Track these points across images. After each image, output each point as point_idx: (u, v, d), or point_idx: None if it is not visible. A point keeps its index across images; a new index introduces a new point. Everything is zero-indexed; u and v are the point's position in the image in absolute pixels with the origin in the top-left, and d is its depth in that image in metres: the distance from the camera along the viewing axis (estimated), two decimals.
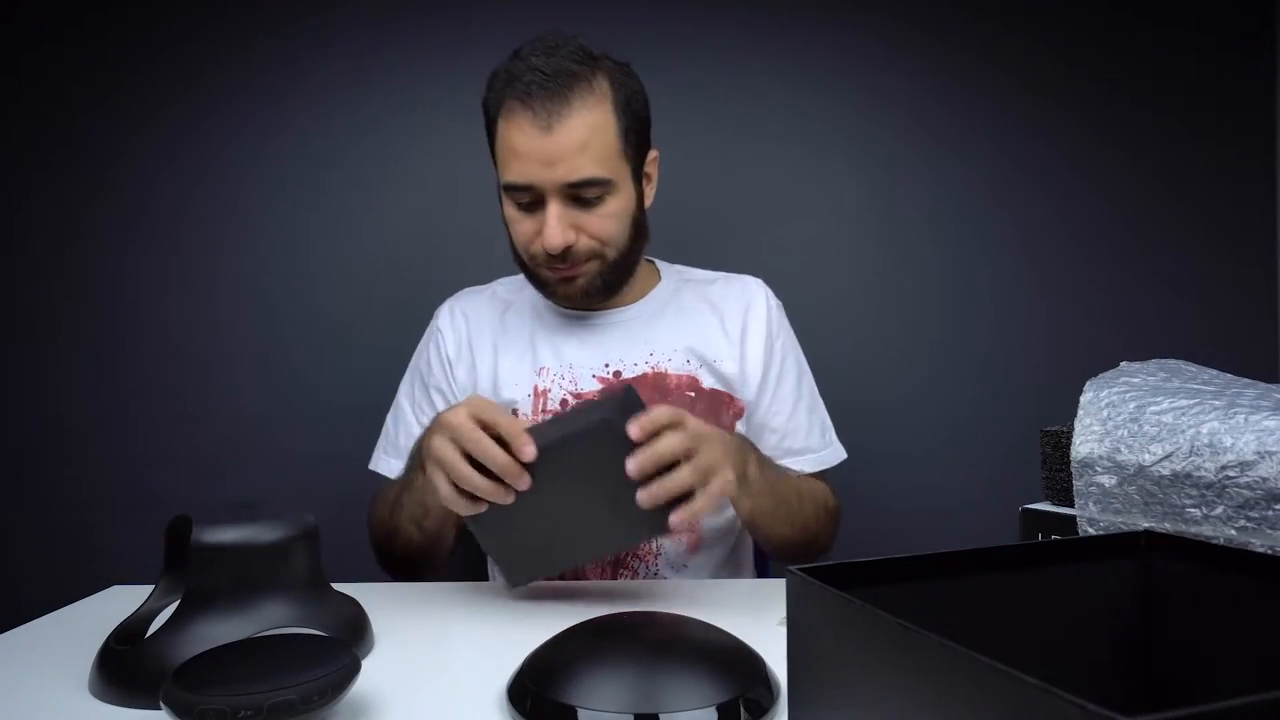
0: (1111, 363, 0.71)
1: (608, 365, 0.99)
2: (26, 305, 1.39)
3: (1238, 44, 1.45)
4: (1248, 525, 0.52)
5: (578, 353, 1.00)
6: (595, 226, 0.92)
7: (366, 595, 0.73)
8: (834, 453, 1.07)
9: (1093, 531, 0.60)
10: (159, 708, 0.51)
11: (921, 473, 1.43)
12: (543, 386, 0.98)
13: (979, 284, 1.45)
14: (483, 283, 1.14)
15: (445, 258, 1.40)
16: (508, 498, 0.71)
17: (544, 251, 0.91)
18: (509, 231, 0.96)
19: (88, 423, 1.39)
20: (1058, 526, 0.64)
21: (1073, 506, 0.62)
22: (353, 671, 0.50)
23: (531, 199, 0.91)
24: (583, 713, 0.48)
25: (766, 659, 0.56)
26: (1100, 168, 1.45)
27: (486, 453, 0.69)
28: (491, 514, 0.73)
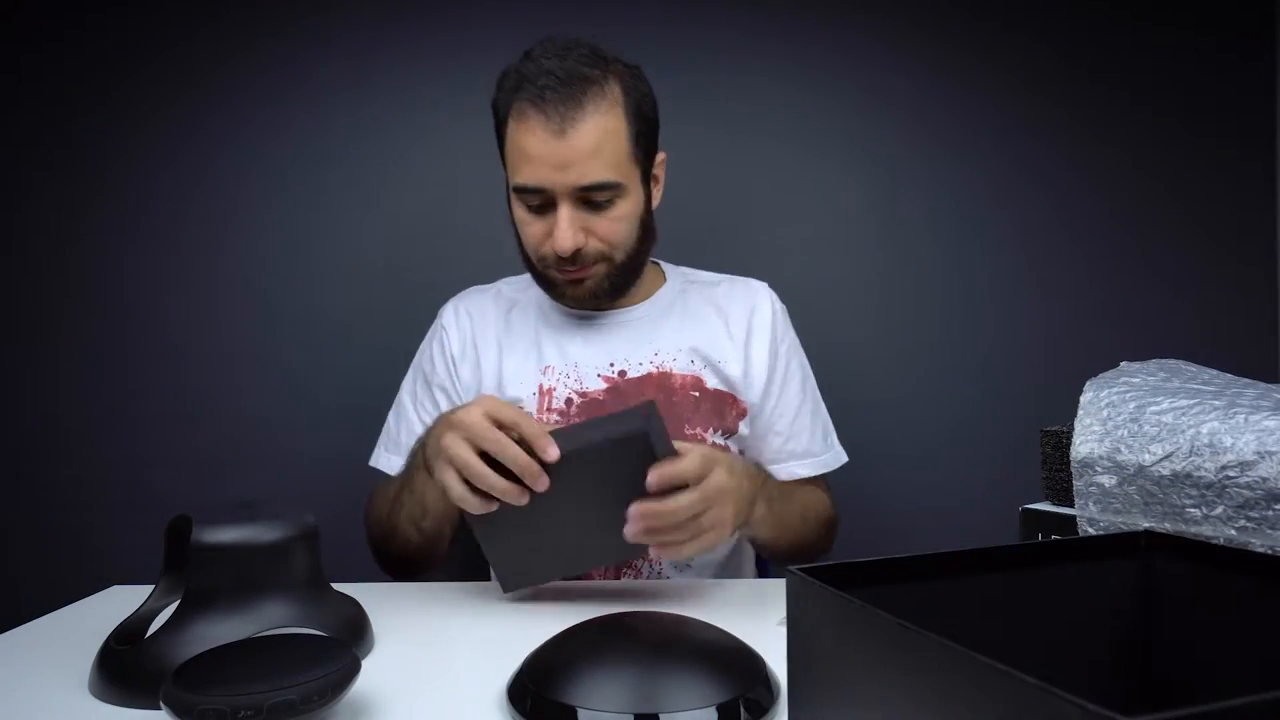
0: (1111, 363, 0.71)
1: (613, 365, 0.99)
2: (26, 305, 1.39)
3: (1238, 44, 1.45)
4: (1248, 525, 0.52)
5: (583, 352, 1.00)
6: (605, 230, 0.92)
7: (366, 595, 0.73)
8: (835, 456, 1.08)
9: (1093, 531, 0.60)
10: (159, 708, 0.51)
11: (921, 473, 1.43)
12: (548, 385, 0.99)
13: (979, 284, 1.45)
14: (484, 283, 1.14)
15: (445, 258, 1.40)
16: (523, 499, 0.71)
17: (554, 253, 0.92)
18: (517, 233, 0.96)
19: (88, 423, 1.39)
20: (1058, 526, 0.64)
21: (1073, 506, 0.62)
22: (353, 671, 0.50)
23: (542, 201, 0.91)
24: (583, 713, 0.48)
25: (766, 659, 0.56)
26: (1100, 168, 1.45)
27: (506, 452, 0.69)
28: (498, 515, 0.73)
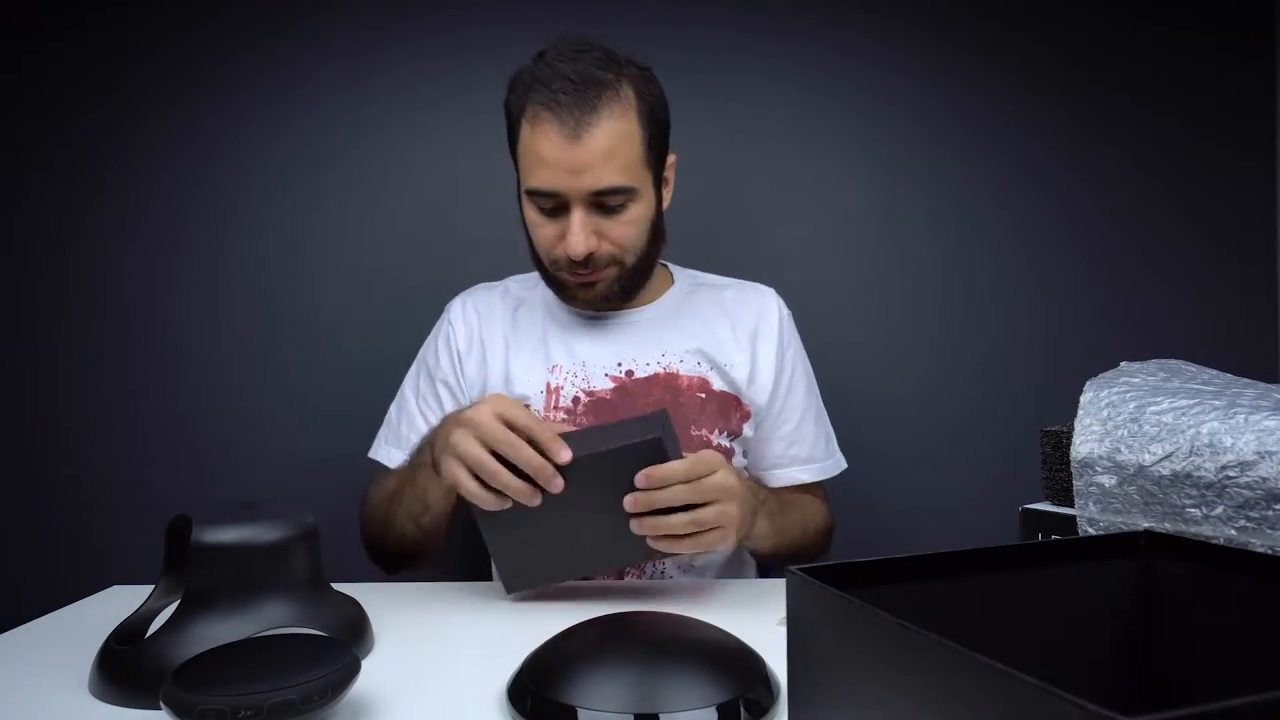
0: (1111, 363, 0.71)
1: (620, 364, 1.00)
2: (26, 305, 1.39)
3: (1238, 44, 1.45)
4: (1248, 525, 0.52)
5: (591, 351, 1.01)
6: (617, 233, 0.93)
7: (366, 595, 0.73)
8: (835, 463, 1.09)
9: (1093, 531, 0.60)
10: (159, 708, 0.51)
11: (921, 473, 1.43)
12: (555, 384, 0.99)
13: (979, 284, 1.45)
14: (484, 282, 1.14)
15: (445, 258, 1.40)
16: (535, 499, 0.71)
17: (566, 257, 0.92)
18: (529, 234, 0.97)
19: (88, 423, 1.39)
20: (1058, 526, 0.64)
21: (1073, 506, 0.62)
22: (353, 671, 0.50)
23: (555, 205, 0.91)
24: (583, 713, 0.48)
25: (766, 659, 0.56)
26: (1100, 168, 1.45)
27: (519, 454, 0.70)
28: (506, 515, 0.73)
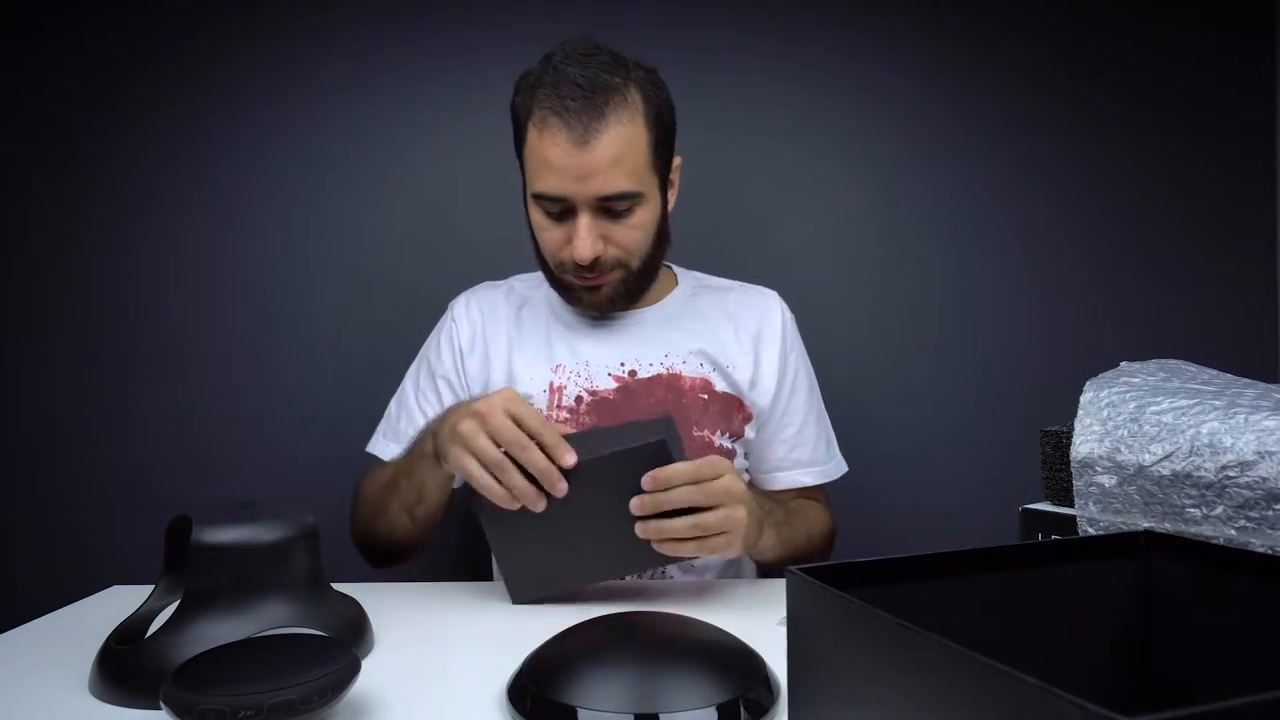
0: (1111, 363, 0.71)
1: (623, 364, 1.00)
2: (26, 305, 1.39)
3: (1238, 44, 1.45)
4: (1248, 525, 0.52)
5: (594, 351, 1.01)
6: (623, 237, 0.93)
7: (366, 595, 0.73)
8: (837, 466, 1.09)
9: (1093, 531, 0.60)
10: (159, 708, 0.51)
11: (921, 473, 1.43)
12: (558, 383, 0.99)
13: (979, 284, 1.45)
14: (486, 281, 1.14)
15: (445, 258, 1.40)
16: (540, 503, 0.70)
17: (572, 260, 0.92)
18: (535, 237, 0.97)
19: (88, 423, 1.38)
20: (1058, 526, 0.64)
21: (1073, 506, 0.62)
22: (353, 671, 0.50)
23: (562, 209, 0.91)
24: (583, 713, 0.48)
25: (766, 659, 0.56)
26: (1100, 168, 1.45)
27: (527, 455, 0.69)
28: (512, 523, 0.72)
